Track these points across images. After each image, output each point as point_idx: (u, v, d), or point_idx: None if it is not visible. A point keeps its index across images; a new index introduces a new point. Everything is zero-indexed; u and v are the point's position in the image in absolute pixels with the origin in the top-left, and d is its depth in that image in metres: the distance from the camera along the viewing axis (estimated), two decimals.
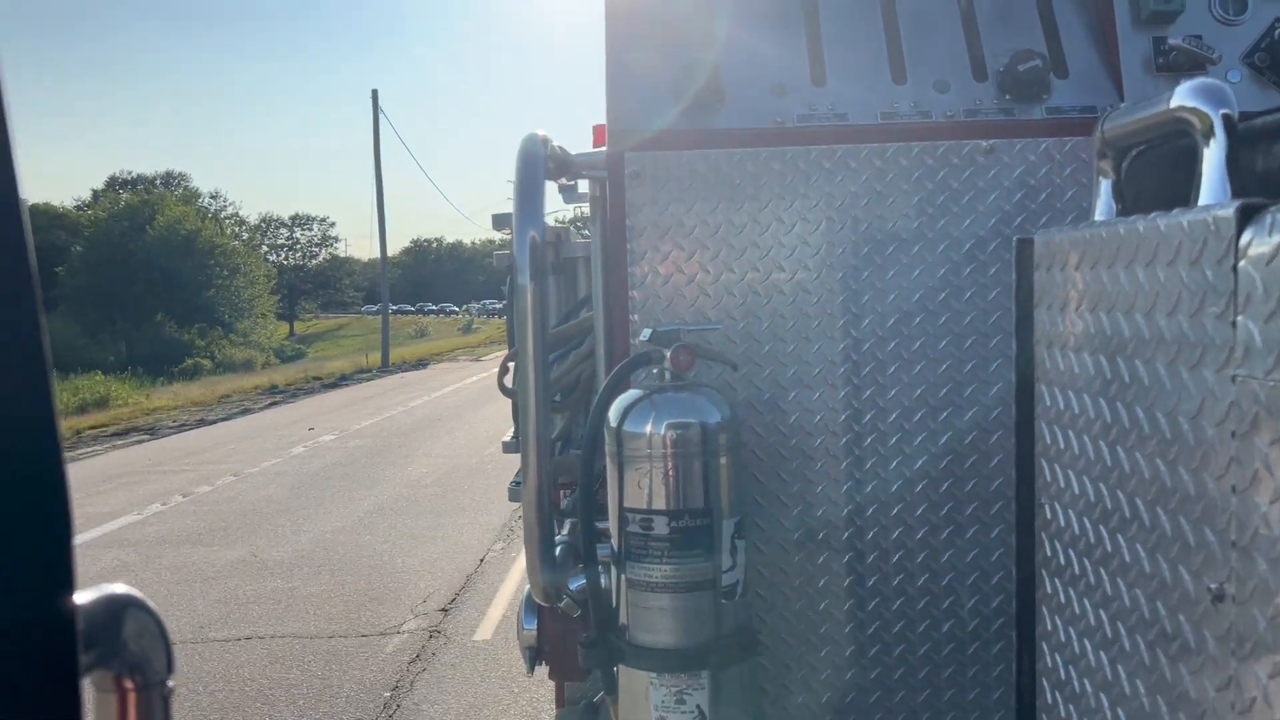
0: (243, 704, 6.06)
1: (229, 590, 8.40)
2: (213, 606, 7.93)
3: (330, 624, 7.44)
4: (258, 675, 6.53)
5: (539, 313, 2.22)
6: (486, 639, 7.02)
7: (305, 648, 6.97)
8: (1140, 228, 1.44)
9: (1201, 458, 1.29)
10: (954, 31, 2.43)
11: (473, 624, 7.33)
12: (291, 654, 6.86)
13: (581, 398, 2.86)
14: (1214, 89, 1.59)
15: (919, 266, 2.32)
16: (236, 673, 6.55)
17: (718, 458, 2.06)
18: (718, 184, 2.33)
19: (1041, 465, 1.85)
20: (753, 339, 2.34)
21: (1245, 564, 1.19)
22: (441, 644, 6.96)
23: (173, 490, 13.17)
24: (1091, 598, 1.64)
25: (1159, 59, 2.36)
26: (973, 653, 2.34)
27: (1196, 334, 1.29)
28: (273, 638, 7.19)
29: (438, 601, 7.89)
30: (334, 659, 6.75)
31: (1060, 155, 2.31)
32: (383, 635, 7.16)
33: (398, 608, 7.75)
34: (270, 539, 10.20)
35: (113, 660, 0.83)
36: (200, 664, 6.71)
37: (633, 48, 2.42)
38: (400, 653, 6.81)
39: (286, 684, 6.36)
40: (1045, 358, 1.82)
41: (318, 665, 6.63)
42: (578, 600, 2.31)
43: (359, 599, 8.00)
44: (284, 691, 6.25)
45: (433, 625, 7.36)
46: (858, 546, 2.34)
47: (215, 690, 6.29)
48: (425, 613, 7.64)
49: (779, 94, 2.38)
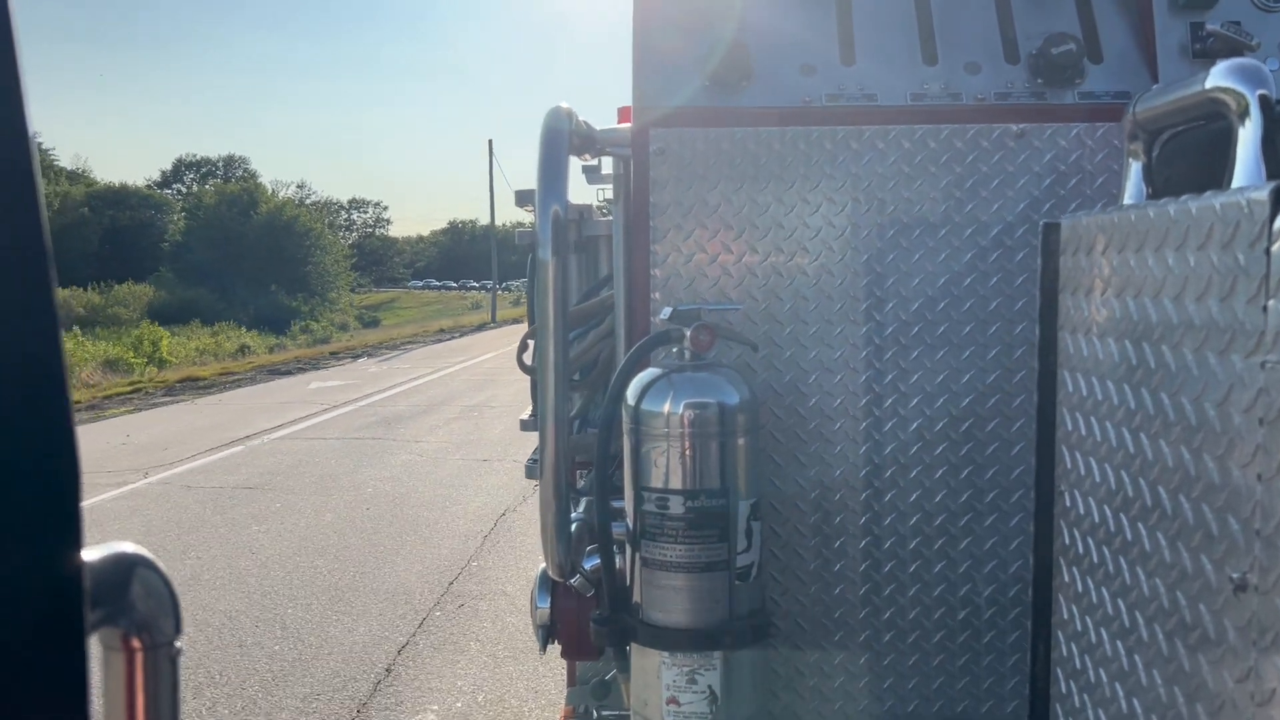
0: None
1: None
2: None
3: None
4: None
5: (560, 288, 2.21)
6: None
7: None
8: (1171, 211, 1.41)
9: (1227, 445, 1.27)
10: (986, 13, 2.39)
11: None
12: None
13: (600, 376, 2.85)
14: (1251, 69, 1.55)
15: (945, 251, 2.29)
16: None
17: (735, 438, 2.05)
18: (743, 163, 2.31)
19: (1062, 452, 1.83)
20: (774, 320, 2.32)
21: (1269, 553, 1.17)
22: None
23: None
24: (1110, 586, 1.62)
25: (1196, 45, 2.31)
26: (988, 641, 2.32)
27: (1226, 319, 1.27)
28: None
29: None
30: None
31: (1092, 141, 2.27)
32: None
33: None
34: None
35: (120, 619, 0.83)
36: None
37: (660, 24, 2.40)
38: None
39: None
40: (1069, 343, 1.80)
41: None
42: (591, 580, 2.31)
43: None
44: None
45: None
46: (874, 532, 2.32)
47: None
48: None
49: (807, 73, 2.35)
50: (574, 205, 2.95)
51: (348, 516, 9.40)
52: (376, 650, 6.16)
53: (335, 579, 7.53)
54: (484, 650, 6.19)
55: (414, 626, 6.55)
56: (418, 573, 7.66)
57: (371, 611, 6.83)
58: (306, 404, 18.93)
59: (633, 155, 2.39)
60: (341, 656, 6.07)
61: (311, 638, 6.39)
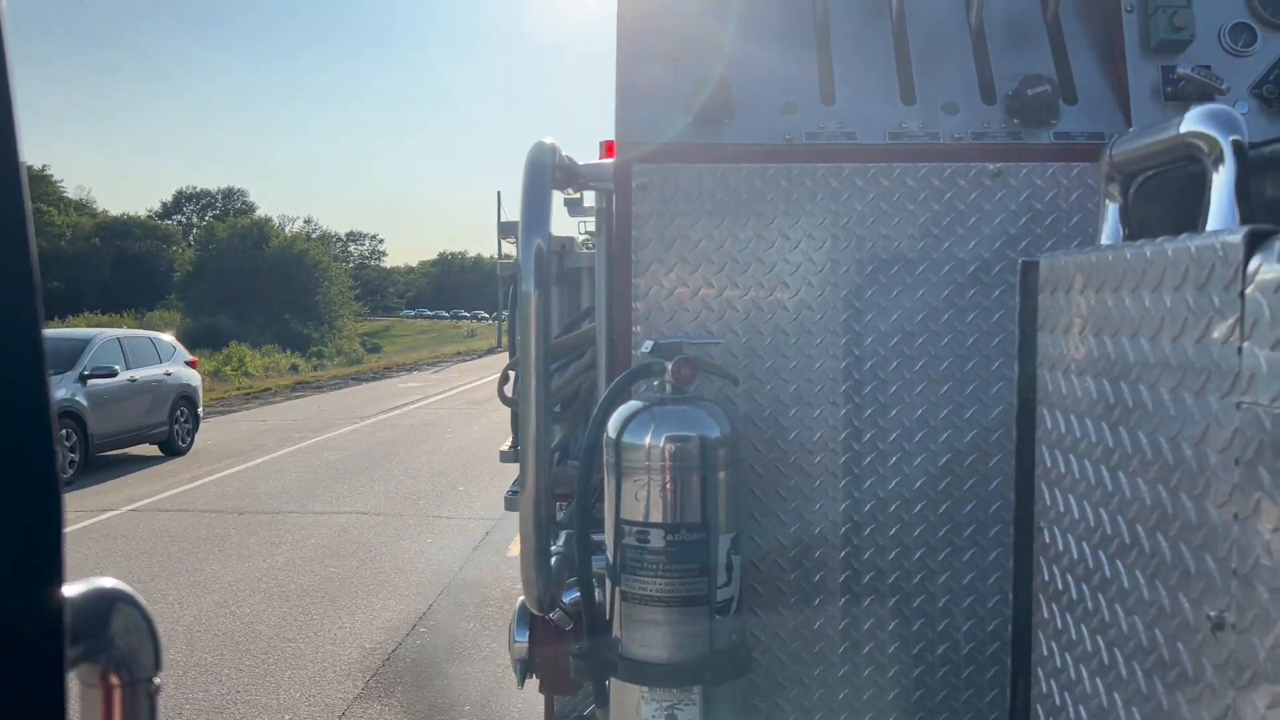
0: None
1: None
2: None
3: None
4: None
5: (542, 321, 2.21)
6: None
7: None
8: (1147, 252, 1.44)
9: (1204, 484, 1.28)
10: (964, 54, 2.44)
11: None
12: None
13: (581, 409, 2.85)
14: (1224, 115, 1.58)
15: (923, 287, 2.31)
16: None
17: (716, 472, 2.05)
18: (725, 198, 2.33)
19: (1041, 489, 1.84)
20: (755, 354, 2.33)
21: (1246, 592, 1.18)
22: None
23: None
24: (1089, 623, 1.63)
25: (1168, 87, 2.36)
26: (967, 676, 2.32)
27: (1202, 360, 1.29)
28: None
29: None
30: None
31: (1067, 180, 2.31)
32: None
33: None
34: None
35: (99, 655, 0.82)
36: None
37: (644, 61, 2.42)
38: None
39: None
40: (1047, 381, 1.82)
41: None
42: (570, 613, 2.29)
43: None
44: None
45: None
46: (854, 566, 2.33)
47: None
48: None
49: (788, 111, 2.38)
50: (556, 237, 2.97)
51: (484, 437, 17.82)
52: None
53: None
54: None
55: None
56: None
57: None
58: (407, 395, 27.46)
59: (615, 190, 2.41)
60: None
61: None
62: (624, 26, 2.45)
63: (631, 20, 2.46)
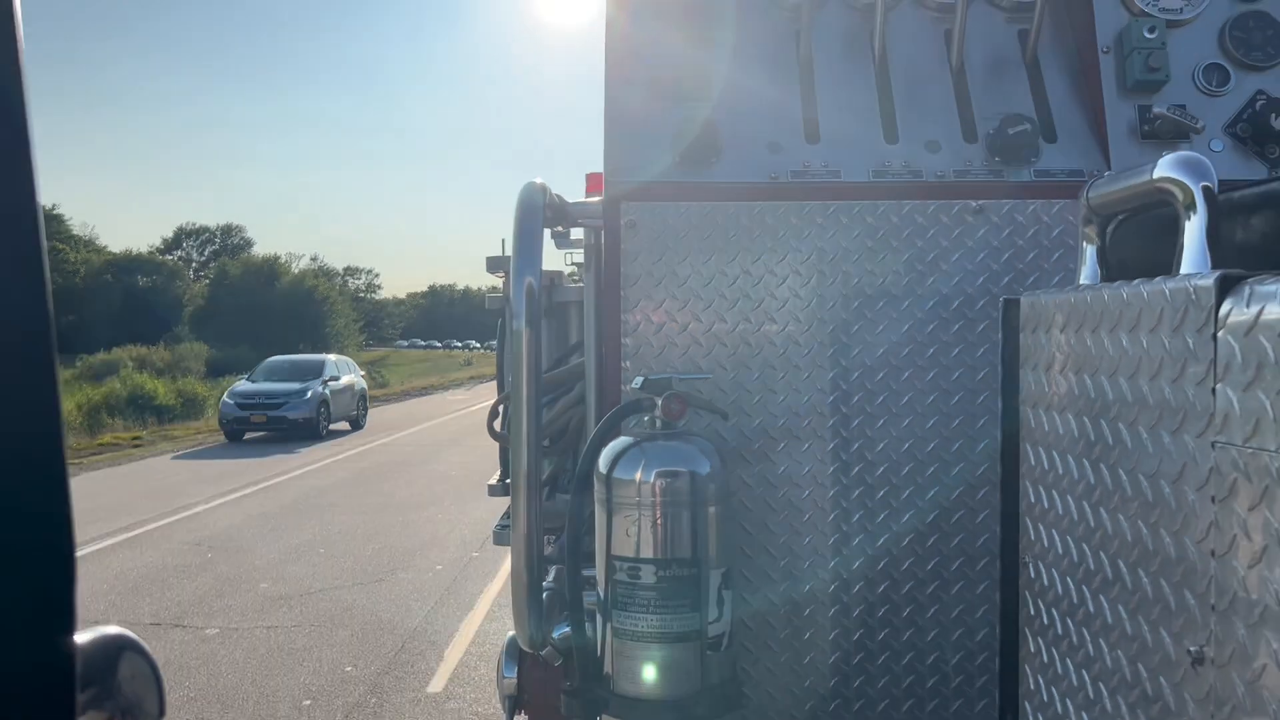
0: None
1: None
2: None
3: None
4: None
5: (534, 358, 2.24)
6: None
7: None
8: (1124, 294, 1.48)
9: (1182, 521, 1.31)
10: (945, 94, 2.49)
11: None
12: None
13: (570, 443, 2.87)
14: (1195, 162, 1.63)
15: (908, 322, 2.35)
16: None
17: (707, 507, 2.07)
18: (712, 236, 2.37)
19: (1026, 524, 1.87)
20: (743, 389, 2.36)
21: (1224, 627, 1.21)
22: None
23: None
24: (1074, 658, 1.65)
25: (1144, 126, 2.42)
26: (956, 710, 2.34)
27: (1178, 400, 1.32)
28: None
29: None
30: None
31: (1048, 217, 2.36)
32: None
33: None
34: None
35: (106, 702, 0.83)
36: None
37: (632, 100, 2.47)
38: None
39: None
40: (1030, 417, 1.85)
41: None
42: (560, 649, 2.30)
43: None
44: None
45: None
46: (843, 600, 2.34)
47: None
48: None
49: (774, 150, 2.42)
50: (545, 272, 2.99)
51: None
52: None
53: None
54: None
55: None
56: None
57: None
58: (463, 403, 34.12)
59: (604, 227, 2.44)
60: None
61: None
62: (612, 67, 2.50)
63: (620, 60, 2.51)
